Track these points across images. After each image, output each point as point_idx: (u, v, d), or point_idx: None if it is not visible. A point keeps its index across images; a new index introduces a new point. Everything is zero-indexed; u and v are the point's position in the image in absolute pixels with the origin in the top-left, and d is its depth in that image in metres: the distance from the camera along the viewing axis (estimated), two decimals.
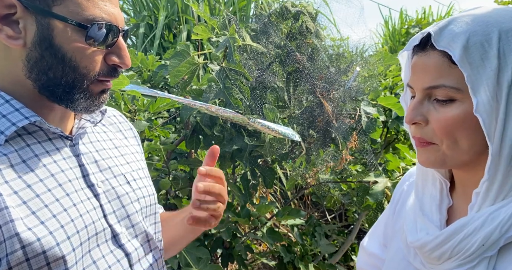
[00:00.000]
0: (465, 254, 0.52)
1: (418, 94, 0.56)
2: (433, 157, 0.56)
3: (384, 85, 1.99)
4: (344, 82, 1.42)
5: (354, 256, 2.46)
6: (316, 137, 1.38)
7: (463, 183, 0.60)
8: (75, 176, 0.60)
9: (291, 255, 1.76)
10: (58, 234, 0.53)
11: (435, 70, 0.53)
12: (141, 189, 0.69)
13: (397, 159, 1.78)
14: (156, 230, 0.72)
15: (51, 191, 0.55)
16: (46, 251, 0.52)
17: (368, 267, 0.76)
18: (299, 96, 1.38)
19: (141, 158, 0.76)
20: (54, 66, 0.55)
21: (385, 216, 0.75)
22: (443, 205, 0.60)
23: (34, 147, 0.57)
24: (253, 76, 1.26)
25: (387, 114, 1.82)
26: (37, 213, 0.53)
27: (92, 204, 0.60)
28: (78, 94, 0.58)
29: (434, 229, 0.58)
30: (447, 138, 0.54)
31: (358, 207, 1.71)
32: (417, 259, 0.60)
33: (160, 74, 1.40)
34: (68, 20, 0.53)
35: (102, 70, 0.58)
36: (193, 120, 1.29)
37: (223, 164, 1.37)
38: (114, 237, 0.62)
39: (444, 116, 0.53)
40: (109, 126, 0.74)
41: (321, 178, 1.62)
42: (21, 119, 0.55)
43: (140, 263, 0.64)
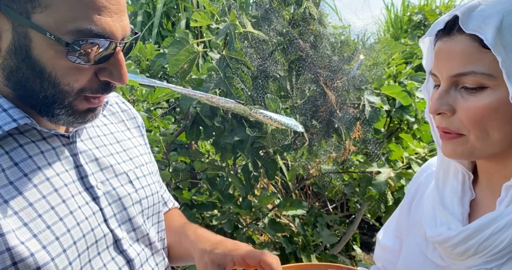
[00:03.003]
0: (493, 250, 0.50)
1: (443, 82, 0.53)
2: (460, 149, 0.53)
3: (388, 74, 1.95)
4: (347, 71, 1.38)
5: (356, 246, 2.46)
6: (319, 127, 1.35)
7: (490, 175, 0.57)
8: (72, 178, 0.55)
9: (293, 246, 1.76)
10: (52, 248, 0.49)
11: (463, 56, 0.50)
12: (144, 188, 0.65)
13: (400, 148, 1.75)
14: (159, 228, 0.69)
15: (46, 198, 0.51)
16: (40, 267, 0.48)
17: (383, 261, 0.75)
18: (301, 86, 1.35)
19: (144, 151, 0.71)
20: (31, 79, 0.49)
21: (400, 208, 0.72)
22: (465, 198, 0.57)
23: (27, 147, 0.52)
24: (254, 65, 1.22)
25: (390, 103, 1.79)
26: (30, 225, 0.49)
27: (91, 208, 0.56)
28: (58, 110, 0.51)
29: (456, 223, 0.55)
30: (476, 128, 0.50)
31: (360, 198, 1.70)
32: (435, 254, 0.58)
33: (158, 63, 1.36)
34: (47, 33, 0.46)
35: (90, 87, 0.51)
36: (193, 111, 1.26)
37: (224, 155, 1.34)
38: (116, 242, 0.58)
39: (473, 106, 0.50)
40: (110, 116, 0.68)
41: (323, 168, 1.60)
42: (8, 122, 0.50)
43: (143, 268, 0.61)
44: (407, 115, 1.78)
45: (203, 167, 1.43)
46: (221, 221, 1.53)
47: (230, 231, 1.55)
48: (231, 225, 1.54)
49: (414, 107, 1.79)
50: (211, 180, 1.49)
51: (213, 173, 1.50)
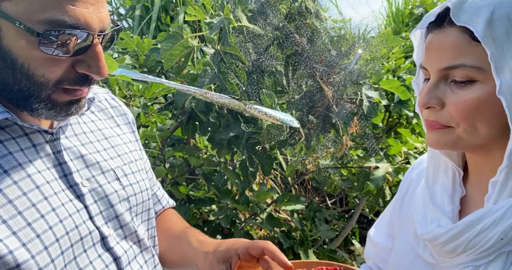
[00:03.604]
0: (481, 248, 0.50)
1: (433, 76, 0.52)
2: (445, 139, 0.52)
3: (387, 68, 1.94)
4: (345, 65, 1.36)
5: (355, 240, 2.46)
6: (316, 123, 1.34)
7: (478, 169, 0.57)
8: (54, 176, 0.54)
9: (291, 241, 1.76)
10: (32, 245, 0.48)
11: (453, 48, 0.49)
12: (132, 185, 0.64)
13: (399, 143, 1.74)
14: (149, 226, 0.68)
15: (27, 195, 0.50)
16: (20, 264, 0.47)
17: (375, 258, 0.74)
18: (298, 81, 1.33)
19: (135, 148, 0.70)
20: (3, 71, 0.47)
21: (392, 205, 0.72)
22: (455, 195, 0.57)
23: (7, 144, 0.51)
24: (249, 60, 1.21)
25: (389, 98, 1.77)
26: (9, 222, 0.48)
27: (75, 206, 0.55)
28: (37, 104, 0.49)
29: (446, 220, 0.55)
30: (465, 121, 0.50)
31: (358, 193, 1.69)
32: (426, 251, 0.58)
33: (152, 57, 1.35)
34: (16, 23, 0.44)
35: (67, 79, 0.49)
36: (189, 106, 1.25)
37: (220, 151, 1.34)
38: (102, 240, 0.57)
39: (462, 99, 0.49)
40: (99, 113, 0.67)
41: (321, 163, 1.59)
42: None
43: (130, 266, 0.61)
44: (406, 110, 1.77)
45: (199, 163, 1.43)
46: (219, 216, 1.53)
47: (228, 226, 1.56)
48: (229, 220, 1.54)
49: (413, 101, 1.78)
50: (207, 176, 1.49)
51: (209, 168, 1.49)
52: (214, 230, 1.57)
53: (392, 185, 1.65)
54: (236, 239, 0.66)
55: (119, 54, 1.70)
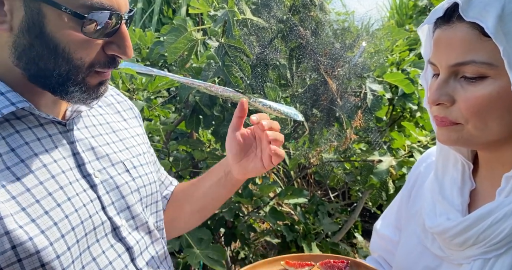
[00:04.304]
0: (492, 241, 0.50)
1: (442, 72, 0.51)
2: (456, 136, 0.52)
3: (391, 61, 1.92)
4: (349, 58, 1.35)
5: (357, 233, 2.47)
6: (320, 116, 1.33)
7: (489, 164, 0.56)
8: (69, 166, 0.56)
9: (294, 234, 1.77)
10: (51, 233, 0.50)
11: (463, 44, 0.48)
12: (141, 177, 0.65)
13: (403, 137, 1.74)
14: (157, 218, 0.69)
15: (43, 184, 0.52)
16: (39, 251, 0.48)
17: (381, 251, 0.74)
18: (302, 74, 1.33)
19: (142, 141, 0.71)
20: (45, 56, 0.50)
21: (399, 198, 0.72)
22: (465, 188, 0.57)
23: (24, 134, 0.53)
24: (254, 53, 1.20)
25: (393, 91, 1.77)
26: (28, 210, 0.49)
27: (88, 196, 0.56)
28: (73, 87, 0.53)
29: (456, 213, 0.55)
30: (475, 118, 0.49)
31: (362, 186, 1.70)
32: (435, 245, 0.58)
33: (156, 51, 1.34)
34: (62, 8, 0.47)
35: (99, 62, 0.53)
36: (192, 100, 1.25)
37: (223, 145, 1.34)
38: (114, 230, 0.58)
39: (473, 95, 0.49)
40: (106, 107, 0.69)
41: (324, 157, 1.59)
42: (6, 105, 0.50)
43: (142, 256, 0.62)
44: (410, 103, 1.76)
45: (203, 156, 1.43)
46: (222, 209, 1.54)
47: (231, 219, 1.56)
48: (232, 213, 1.54)
49: (417, 95, 1.77)
50: None
51: (213, 162, 1.50)
52: (217, 223, 1.58)
53: (396, 179, 1.65)
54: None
55: None
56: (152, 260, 0.63)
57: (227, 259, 1.74)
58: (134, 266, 0.59)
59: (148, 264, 0.62)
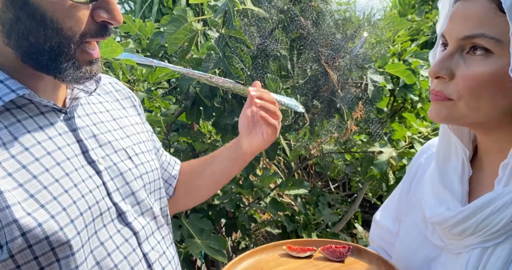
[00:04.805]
0: (490, 230, 0.50)
1: (451, 45, 0.51)
2: (445, 112, 0.52)
3: (392, 52, 1.91)
4: (350, 49, 1.34)
5: (357, 224, 2.49)
6: (321, 107, 1.33)
7: (487, 151, 0.57)
8: (74, 153, 0.56)
9: (294, 224, 1.78)
10: (60, 218, 0.50)
11: (477, 17, 0.48)
12: (143, 164, 0.65)
13: (403, 128, 1.74)
14: (161, 205, 0.69)
15: (49, 171, 0.52)
16: (49, 236, 0.49)
17: (380, 241, 0.75)
18: (303, 65, 1.32)
19: (142, 129, 0.71)
20: (34, 29, 0.48)
21: (399, 190, 0.72)
22: (464, 176, 0.57)
23: (25, 123, 0.53)
24: (254, 44, 1.19)
25: (394, 82, 1.76)
26: (36, 196, 0.49)
27: (94, 182, 0.56)
28: (65, 63, 0.51)
29: (455, 203, 0.55)
30: (468, 95, 0.49)
31: (362, 177, 1.70)
32: (435, 235, 0.58)
33: (156, 41, 1.33)
34: None
35: (89, 30, 0.51)
36: (193, 91, 1.25)
37: (224, 136, 1.34)
38: (120, 215, 0.59)
39: (473, 72, 0.48)
40: (105, 95, 0.68)
41: (325, 148, 1.59)
42: (7, 92, 0.50)
43: (148, 241, 0.62)
44: (411, 94, 1.76)
45: (204, 148, 1.43)
46: (223, 200, 1.55)
47: (232, 210, 1.58)
48: (233, 204, 1.56)
49: (418, 86, 1.76)
50: None
51: None
52: (218, 213, 1.59)
53: (396, 170, 1.66)
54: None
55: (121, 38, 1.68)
56: (158, 245, 0.64)
57: (228, 249, 1.76)
58: (141, 250, 0.60)
59: (154, 249, 0.62)
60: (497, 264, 0.49)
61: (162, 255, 0.64)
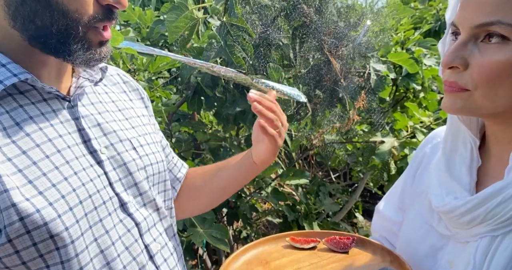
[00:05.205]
0: (500, 219, 0.50)
1: (463, 34, 0.49)
2: (460, 104, 0.50)
3: (396, 40, 1.88)
4: (353, 37, 1.32)
5: (358, 213, 2.51)
6: (323, 97, 1.32)
7: (497, 141, 0.55)
8: (75, 141, 0.55)
9: (295, 214, 1.79)
10: (58, 205, 0.50)
11: (492, 3, 0.46)
12: (148, 156, 0.65)
13: (405, 117, 1.73)
14: (165, 198, 0.69)
15: (50, 158, 0.51)
16: (47, 223, 0.48)
17: (383, 231, 0.75)
18: (305, 54, 1.30)
19: (148, 121, 0.70)
20: (40, 12, 0.48)
21: (403, 179, 0.72)
22: (473, 166, 0.56)
23: (27, 108, 0.52)
24: (256, 33, 1.17)
25: (397, 71, 1.74)
26: (35, 182, 0.49)
27: (95, 171, 0.56)
28: (75, 45, 0.51)
29: (463, 192, 0.55)
30: (485, 85, 0.48)
31: (363, 167, 1.70)
32: (441, 224, 0.57)
33: (157, 30, 1.31)
34: None
35: (96, 13, 0.51)
36: (194, 81, 1.24)
37: (226, 126, 1.33)
38: (122, 206, 0.58)
39: (489, 60, 0.47)
40: (111, 86, 0.68)
41: (326, 138, 1.59)
42: (9, 76, 0.49)
43: (150, 232, 0.62)
44: (414, 83, 1.74)
45: (206, 138, 1.43)
46: None
47: (233, 200, 1.58)
48: (235, 194, 1.56)
49: (421, 75, 1.75)
50: (214, 151, 1.49)
51: (215, 143, 1.50)
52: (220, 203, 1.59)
53: (397, 159, 1.66)
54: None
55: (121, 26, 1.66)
56: (160, 236, 0.64)
57: (229, 238, 1.77)
58: (143, 241, 0.60)
59: (155, 240, 0.62)
60: (506, 252, 0.49)
61: (164, 247, 0.64)
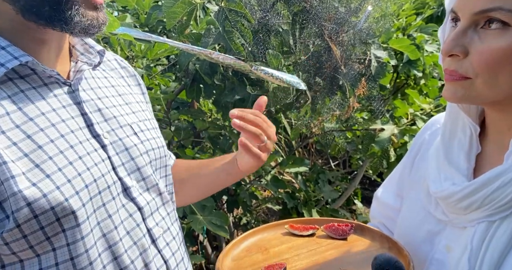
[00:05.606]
0: (498, 204, 0.50)
1: (463, 21, 0.48)
2: (461, 92, 0.50)
3: (397, 26, 1.85)
4: (354, 23, 1.30)
5: (357, 200, 2.53)
6: (323, 85, 1.31)
7: (496, 127, 0.55)
8: (78, 125, 0.55)
9: (295, 201, 1.80)
10: (65, 189, 0.49)
11: None
12: (149, 141, 0.64)
13: (406, 105, 1.72)
14: (167, 182, 0.69)
15: (54, 142, 0.51)
16: (54, 207, 0.48)
17: (381, 217, 0.75)
18: (305, 40, 1.28)
19: (146, 108, 0.70)
20: None
21: (402, 166, 0.72)
22: (472, 153, 0.56)
23: (28, 93, 0.51)
24: (255, 18, 1.15)
25: (398, 58, 1.72)
26: (42, 166, 0.48)
27: (100, 155, 0.55)
28: (69, 11, 0.49)
29: (461, 178, 0.55)
30: (486, 72, 0.47)
31: (363, 155, 1.70)
32: (438, 210, 0.58)
33: (154, 16, 1.29)
34: None
35: None
36: (193, 68, 1.22)
37: (225, 115, 1.33)
38: (125, 190, 0.58)
39: (489, 47, 0.46)
40: (109, 71, 0.67)
41: (326, 126, 1.58)
42: (10, 59, 0.49)
43: (153, 217, 0.62)
44: (415, 70, 1.72)
45: (205, 126, 1.42)
46: None
47: (233, 187, 1.59)
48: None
49: (422, 61, 1.73)
50: (213, 139, 1.49)
51: (215, 132, 1.49)
52: (220, 191, 1.60)
53: (397, 147, 1.66)
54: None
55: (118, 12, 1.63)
56: (162, 221, 0.64)
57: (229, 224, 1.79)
58: (145, 225, 0.60)
59: (158, 224, 0.62)
60: (503, 237, 0.49)
61: (167, 231, 0.64)
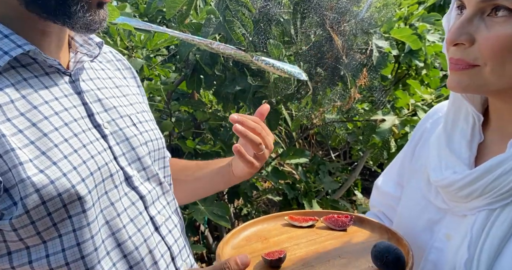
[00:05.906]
0: (499, 192, 0.50)
1: (469, 9, 0.48)
2: (467, 82, 0.49)
3: (399, 16, 1.83)
4: (356, 13, 1.29)
5: (357, 191, 2.54)
6: (324, 75, 1.30)
7: (499, 116, 0.55)
8: (80, 115, 0.55)
9: (295, 192, 1.81)
10: (72, 176, 0.50)
11: None
12: (148, 132, 0.65)
13: (407, 95, 1.71)
14: (165, 174, 0.70)
15: (58, 131, 0.51)
16: (61, 193, 0.49)
17: (381, 206, 0.75)
18: (306, 30, 1.27)
19: (142, 100, 0.71)
20: None
21: (402, 154, 0.72)
22: (473, 142, 0.56)
23: (31, 82, 0.52)
24: (256, 8, 1.14)
25: (399, 48, 1.70)
26: (48, 153, 0.49)
27: (101, 144, 0.56)
28: (74, 6, 0.50)
29: (462, 166, 0.54)
30: (494, 59, 0.47)
31: (363, 146, 1.70)
32: (439, 198, 0.58)
33: (154, 5, 1.27)
34: None
35: None
36: (193, 58, 1.21)
37: (226, 106, 1.32)
38: (127, 179, 0.59)
39: (496, 34, 0.46)
40: (106, 63, 0.67)
41: (327, 117, 1.58)
42: (13, 47, 0.49)
43: (154, 205, 0.63)
44: (416, 60, 1.71)
45: (206, 117, 1.42)
46: None
47: None
48: None
49: (424, 51, 1.71)
50: (213, 130, 1.49)
51: (215, 123, 1.49)
52: None
53: (398, 137, 1.66)
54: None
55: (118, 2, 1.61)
56: (164, 209, 0.64)
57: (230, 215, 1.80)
58: (148, 213, 0.61)
59: (160, 212, 0.63)
60: (503, 225, 0.49)
61: (168, 219, 0.65)
